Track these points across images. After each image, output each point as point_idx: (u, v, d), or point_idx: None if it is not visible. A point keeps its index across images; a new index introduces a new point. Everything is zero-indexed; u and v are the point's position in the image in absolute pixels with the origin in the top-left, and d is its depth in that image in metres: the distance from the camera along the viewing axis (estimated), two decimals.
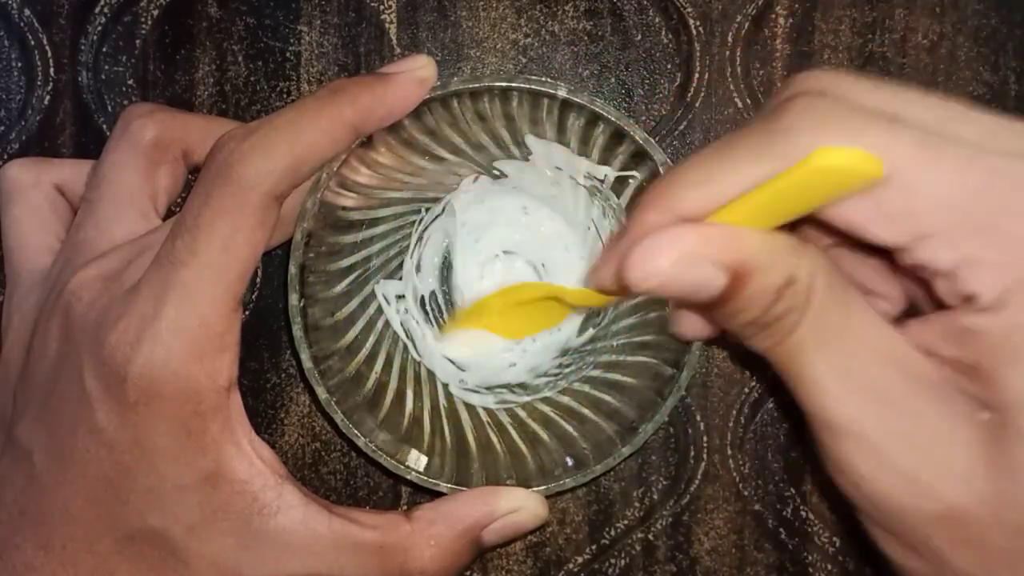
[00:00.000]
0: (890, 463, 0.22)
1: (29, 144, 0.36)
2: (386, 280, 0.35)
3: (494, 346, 0.36)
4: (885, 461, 0.22)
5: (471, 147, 0.33)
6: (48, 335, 0.29)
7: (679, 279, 0.22)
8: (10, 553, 0.29)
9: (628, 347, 0.34)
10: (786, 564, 0.36)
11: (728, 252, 0.22)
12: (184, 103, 0.36)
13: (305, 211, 0.30)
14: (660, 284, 0.22)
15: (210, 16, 0.36)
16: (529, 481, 0.31)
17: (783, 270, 0.22)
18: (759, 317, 0.23)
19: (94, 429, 0.28)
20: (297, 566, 0.29)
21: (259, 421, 0.36)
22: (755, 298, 0.22)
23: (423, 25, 0.36)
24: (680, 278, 0.22)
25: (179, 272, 0.28)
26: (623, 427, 0.32)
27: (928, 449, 0.22)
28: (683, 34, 0.36)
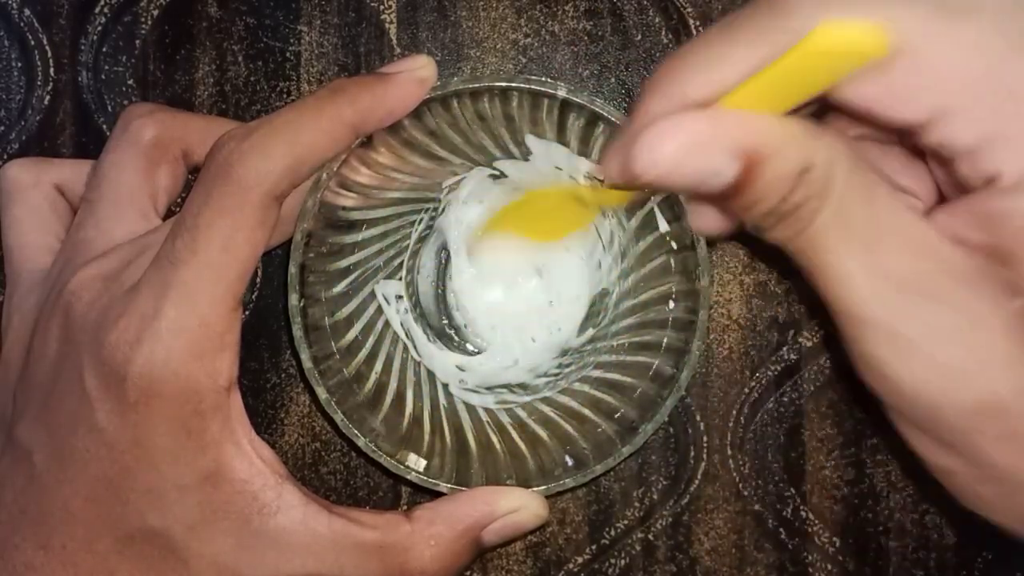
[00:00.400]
0: (925, 355, 0.21)
1: (29, 144, 0.36)
2: (386, 280, 0.35)
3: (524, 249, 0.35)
4: (919, 353, 0.21)
5: (471, 147, 0.33)
6: (48, 335, 0.29)
7: (688, 167, 0.21)
8: (10, 553, 0.29)
9: (628, 347, 0.34)
10: (786, 564, 0.36)
11: (739, 137, 0.21)
12: (184, 103, 0.36)
13: (305, 211, 0.30)
14: (667, 172, 0.21)
15: (210, 16, 0.36)
16: (529, 481, 0.31)
17: (799, 155, 0.21)
18: (776, 207, 0.21)
19: (94, 429, 0.28)
20: (297, 566, 0.29)
21: (259, 421, 0.36)
22: (771, 186, 0.21)
23: (423, 25, 0.36)
24: (689, 166, 0.21)
25: (179, 272, 0.28)
26: (623, 427, 0.32)
27: (963, 339, 0.21)
28: (683, 34, 0.36)
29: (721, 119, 0.21)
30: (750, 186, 0.21)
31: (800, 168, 0.21)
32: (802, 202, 0.21)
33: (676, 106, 0.22)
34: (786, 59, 0.20)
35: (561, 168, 0.33)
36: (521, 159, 0.34)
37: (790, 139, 0.21)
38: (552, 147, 0.32)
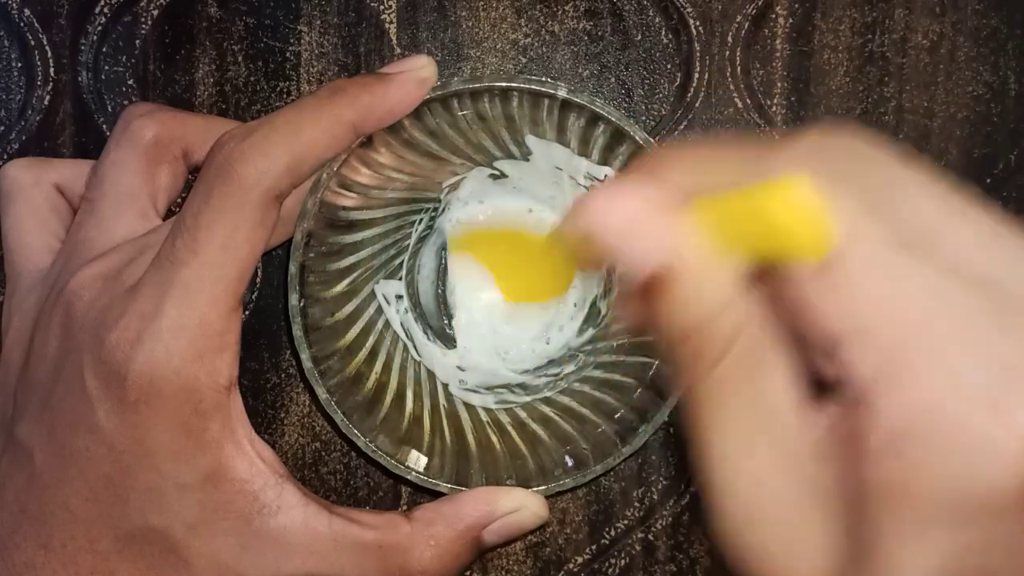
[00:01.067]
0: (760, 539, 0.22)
1: (29, 144, 0.36)
2: (386, 280, 0.35)
3: (491, 300, 0.35)
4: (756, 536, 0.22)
5: (471, 147, 0.33)
6: (48, 334, 0.29)
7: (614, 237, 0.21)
8: (10, 552, 0.29)
9: (628, 347, 0.34)
10: None
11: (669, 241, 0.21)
12: (184, 103, 0.36)
13: (305, 211, 0.30)
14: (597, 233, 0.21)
15: (210, 16, 0.36)
16: (529, 481, 0.31)
17: (712, 297, 0.21)
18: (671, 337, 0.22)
19: (94, 428, 0.28)
20: (297, 566, 0.29)
21: (259, 421, 0.36)
22: (678, 311, 0.21)
23: (423, 25, 0.36)
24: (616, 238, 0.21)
25: (179, 271, 0.28)
26: (623, 427, 0.32)
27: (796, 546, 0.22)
28: (683, 34, 0.36)
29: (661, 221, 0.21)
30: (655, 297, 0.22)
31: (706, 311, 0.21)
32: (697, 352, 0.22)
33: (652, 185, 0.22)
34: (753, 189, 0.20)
35: (561, 168, 0.33)
36: (521, 159, 0.34)
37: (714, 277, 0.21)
38: (552, 147, 0.32)
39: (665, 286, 0.21)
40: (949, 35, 0.36)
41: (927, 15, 0.36)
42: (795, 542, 0.22)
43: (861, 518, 0.21)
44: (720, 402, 0.22)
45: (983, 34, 0.36)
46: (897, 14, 0.36)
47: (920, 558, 0.20)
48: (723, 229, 0.21)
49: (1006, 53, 0.36)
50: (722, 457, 0.22)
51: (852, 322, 0.20)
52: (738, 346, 0.22)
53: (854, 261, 0.20)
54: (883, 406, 0.20)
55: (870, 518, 0.20)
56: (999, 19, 0.36)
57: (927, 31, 0.36)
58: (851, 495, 0.21)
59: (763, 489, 0.22)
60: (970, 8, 0.36)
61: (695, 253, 0.21)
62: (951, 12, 0.36)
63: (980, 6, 0.36)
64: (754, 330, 0.22)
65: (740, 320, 0.22)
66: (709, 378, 0.22)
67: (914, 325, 0.20)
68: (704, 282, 0.21)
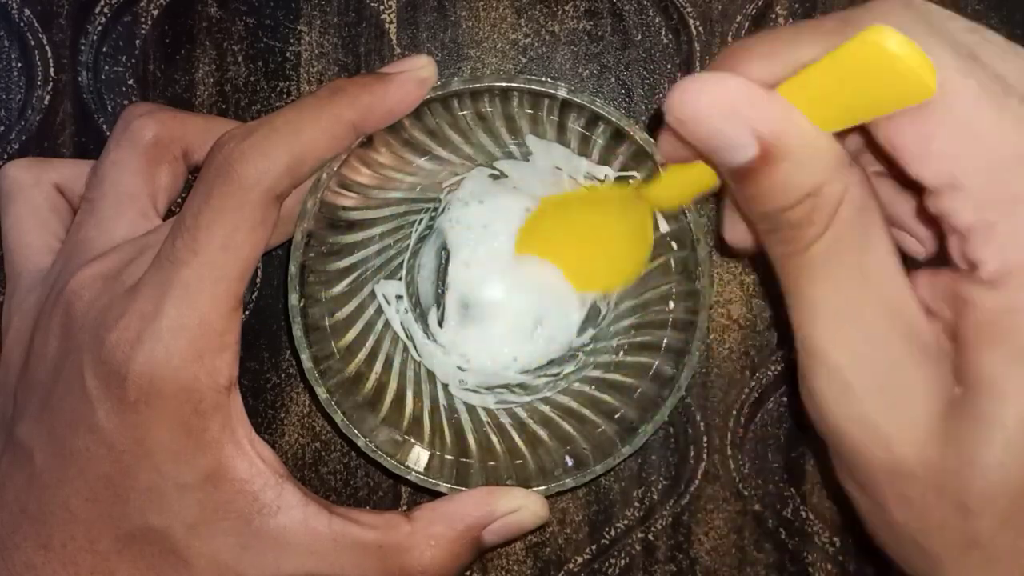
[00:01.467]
0: (856, 404, 0.22)
1: (29, 144, 0.36)
2: (386, 280, 0.35)
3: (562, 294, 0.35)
4: (852, 401, 0.22)
5: (471, 147, 0.33)
6: (49, 334, 0.29)
7: (710, 126, 0.21)
8: (10, 552, 0.29)
9: (628, 347, 0.34)
10: (786, 564, 0.36)
11: (768, 122, 0.21)
12: (184, 103, 0.36)
13: (305, 211, 0.30)
14: (691, 121, 0.21)
15: (210, 16, 0.36)
16: (529, 481, 0.31)
17: (816, 172, 0.21)
18: (776, 214, 0.22)
19: (94, 428, 0.28)
20: (297, 565, 0.29)
21: (259, 421, 0.36)
22: (777, 190, 0.21)
23: (423, 25, 0.36)
24: (711, 124, 0.21)
25: (179, 271, 0.28)
26: (623, 427, 0.32)
27: (894, 403, 0.22)
28: (683, 34, 0.36)
29: (763, 99, 0.21)
30: (759, 178, 0.22)
31: (810, 186, 0.21)
32: (801, 222, 0.22)
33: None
34: (839, 51, 0.20)
35: (561, 168, 0.33)
36: (521, 159, 0.34)
37: (816, 154, 0.21)
38: (552, 147, 0.32)
39: (772, 163, 0.21)
40: None
41: None
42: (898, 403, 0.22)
43: (969, 356, 0.21)
44: (826, 271, 0.22)
45: None
46: None
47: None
48: (816, 102, 0.21)
49: None
50: (827, 325, 0.22)
51: (957, 165, 0.20)
52: (841, 216, 0.22)
53: (959, 102, 0.20)
54: (988, 248, 0.20)
55: (979, 353, 0.21)
56: (999, 19, 0.36)
57: None
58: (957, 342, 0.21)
59: (868, 353, 0.22)
60: (970, 8, 0.36)
61: (796, 127, 0.21)
62: None
63: (980, 6, 0.36)
64: (857, 201, 0.22)
65: (843, 190, 0.22)
66: (813, 250, 0.22)
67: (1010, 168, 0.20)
68: (809, 154, 0.21)
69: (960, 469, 0.21)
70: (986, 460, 0.20)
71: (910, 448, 0.22)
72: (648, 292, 0.33)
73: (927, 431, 0.21)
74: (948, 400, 0.21)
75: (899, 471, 0.22)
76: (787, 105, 0.21)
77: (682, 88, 0.21)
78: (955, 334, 0.22)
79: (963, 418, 0.21)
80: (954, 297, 0.22)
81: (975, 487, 0.21)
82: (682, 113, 0.21)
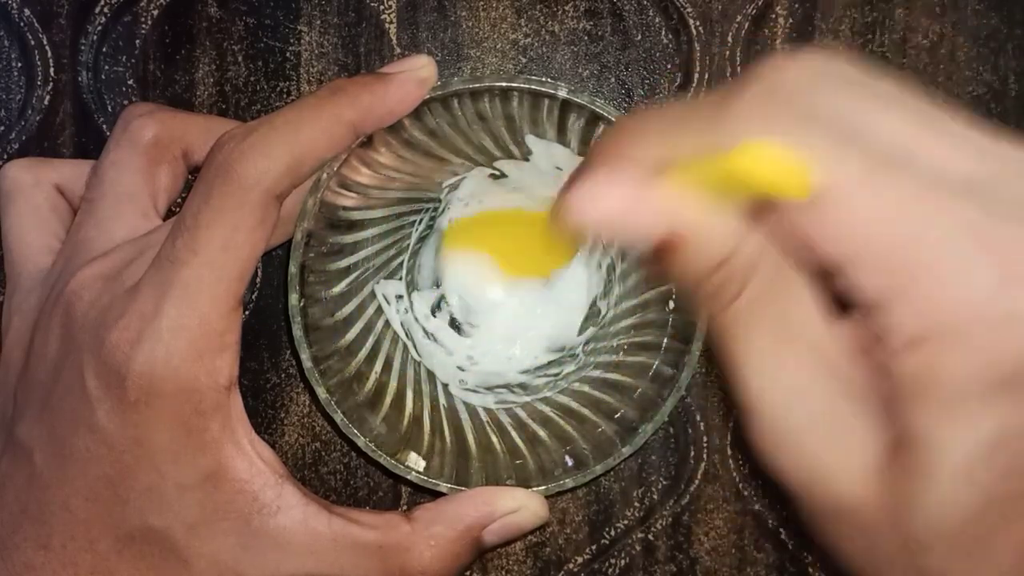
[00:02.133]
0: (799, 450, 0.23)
1: (29, 144, 0.36)
2: (386, 280, 0.35)
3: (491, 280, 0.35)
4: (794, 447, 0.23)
5: (471, 147, 0.33)
6: (49, 334, 0.29)
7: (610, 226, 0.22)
8: (10, 552, 0.29)
9: (628, 347, 0.34)
10: (786, 564, 0.36)
11: (662, 217, 0.22)
12: (184, 103, 0.36)
13: (305, 211, 0.30)
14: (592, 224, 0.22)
15: (210, 16, 0.36)
16: (529, 481, 0.31)
17: (719, 247, 0.22)
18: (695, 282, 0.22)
19: (94, 428, 0.28)
20: (297, 566, 0.29)
21: (259, 421, 0.36)
22: (687, 266, 0.22)
23: (423, 25, 0.36)
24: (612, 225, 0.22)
25: (179, 271, 0.28)
26: (623, 427, 0.32)
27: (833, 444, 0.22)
28: (683, 34, 0.36)
29: (652, 193, 0.22)
30: (667, 259, 0.22)
31: (716, 259, 0.22)
32: (717, 289, 0.22)
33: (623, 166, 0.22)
34: (716, 163, 0.20)
35: (561, 168, 0.33)
36: (521, 159, 0.34)
37: (712, 232, 0.22)
38: (552, 147, 0.32)
39: (675, 246, 0.22)
40: (949, 35, 0.36)
41: (927, 15, 0.36)
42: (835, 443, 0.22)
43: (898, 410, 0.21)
44: (747, 327, 0.23)
45: (983, 34, 0.36)
46: (897, 14, 0.36)
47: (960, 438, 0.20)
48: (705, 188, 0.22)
49: (1006, 53, 0.36)
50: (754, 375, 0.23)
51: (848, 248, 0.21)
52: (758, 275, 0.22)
53: (838, 191, 0.20)
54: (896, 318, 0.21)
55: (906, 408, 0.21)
56: (999, 19, 0.36)
57: (927, 31, 0.36)
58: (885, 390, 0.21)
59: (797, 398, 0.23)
60: (970, 8, 0.36)
61: (690, 213, 0.22)
62: (951, 12, 0.36)
63: (980, 6, 0.36)
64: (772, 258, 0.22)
65: (753, 253, 0.22)
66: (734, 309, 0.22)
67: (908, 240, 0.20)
68: (710, 232, 0.22)
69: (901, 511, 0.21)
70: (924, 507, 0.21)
71: (853, 488, 0.22)
72: (648, 292, 0.33)
73: (867, 472, 0.22)
74: (884, 441, 0.22)
75: (845, 510, 0.22)
76: (676, 193, 0.22)
77: (571, 201, 0.22)
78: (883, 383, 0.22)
79: (899, 465, 0.21)
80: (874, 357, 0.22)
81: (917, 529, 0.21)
82: (579, 222, 0.22)
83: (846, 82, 0.21)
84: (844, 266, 0.21)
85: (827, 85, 0.21)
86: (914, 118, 0.21)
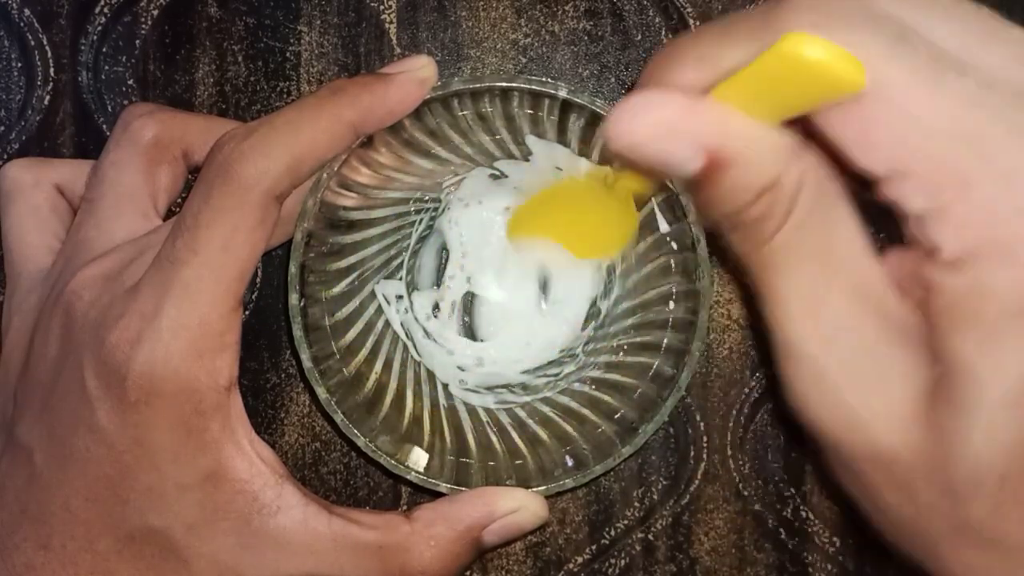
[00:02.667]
0: (836, 395, 0.22)
1: (29, 144, 0.36)
2: (386, 280, 0.35)
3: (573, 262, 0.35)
4: (829, 390, 0.22)
5: (471, 147, 0.33)
6: (49, 334, 0.29)
7: (655, 147, 0.21)
8: (10, 552, 0.29)
9: (628, 347, 0.34)
10: (786, 564, 0.36)
11: (707, 134, 0.21)
12: (184, 103, 0.36)
13: (305, 211, 0.30)
14: (633, 146, 0.21)
15: (210, 16, 0.36)
16: (529, 481, 0.31)
17: (766, 170, 0.21)
18: (735, 214, 0.22)
19: (94, 428, 0.28)
20: (297, 566, 0.29)
21: (259, 421, 0.36)
22: (731, 192, 0.21)
23: (423, 25, 0.36)
24: (656, 146, 0.21)
25: (179, 271, 0.28)
26: (623, 427, 0.32)
27: (871, 389, 0.21)
28: (683, 34, 0.36)
29: (698, 110, 0.21)
30: (711, 184, 0.21)
31: (764, 184, 0.21)
32: (761, 218, 0.21)
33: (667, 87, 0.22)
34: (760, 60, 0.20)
35: (561, 168, 0.33)
36: (521, 159, 0.34)
37: (763, 152, 0.21)
38: (553, 147, 0.32)
39: (721, 169, 0.21)
40: None
41: None
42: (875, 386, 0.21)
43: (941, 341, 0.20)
44: (790, 261, 0.22)
45: None
46: None
47: (1001, 366, 0.20)
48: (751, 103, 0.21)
49: None
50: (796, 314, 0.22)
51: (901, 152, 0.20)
52: (800, 205, 0.21)
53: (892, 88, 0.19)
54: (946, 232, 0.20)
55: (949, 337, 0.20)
56: None
57: None
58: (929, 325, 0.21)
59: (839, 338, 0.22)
60: None
61: (738, 130, 0.21)
62: None
63: None
64: (814, 187, 0.21)
65: (798, 178, 0.21)
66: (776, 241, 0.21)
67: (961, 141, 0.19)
68: (756, 153, 0.21)
69: (944, 455, 0.20)
70: (968, 446, 0.20)
71: (891, 434, 0.21)
72: (648, 292, 0.33)
73: (907, 415, 0.21)
74: (926, 382, 0.21)
75: (883, 458, 0.21)
76: (723, 111, 0.21)
77: (617, 116, 0.21)
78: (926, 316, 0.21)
79: (942, 402, 0.20)
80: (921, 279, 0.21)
81: (960, 472, 0.20)
82: (622, 142, 0.21)
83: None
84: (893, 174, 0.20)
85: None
86: (971, 26, 0.20)
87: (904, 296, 0.22)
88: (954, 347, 0.20)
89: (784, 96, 0.20)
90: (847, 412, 0.22)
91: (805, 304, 0.22)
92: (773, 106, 0.21)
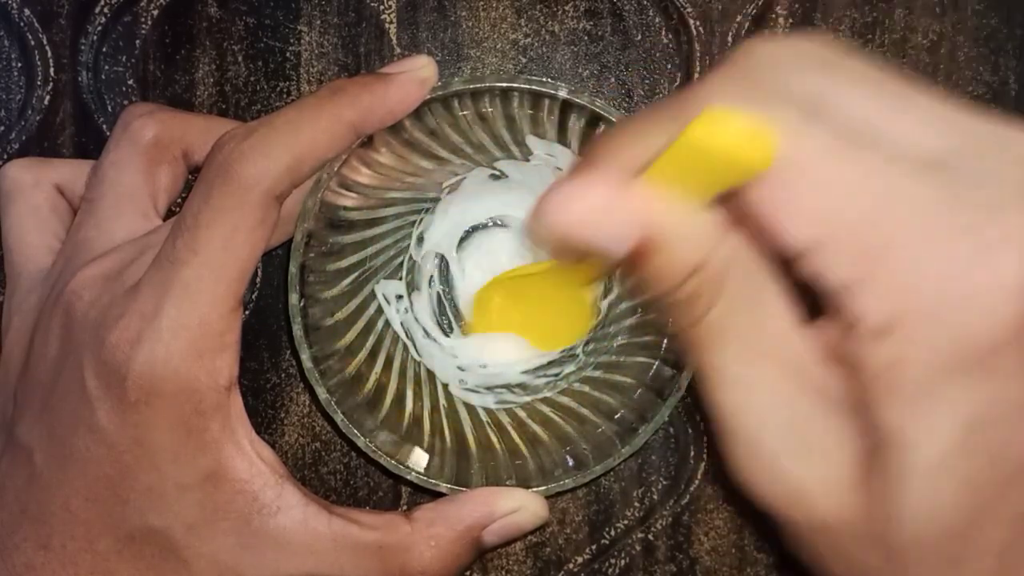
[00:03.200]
0: (775, 468, 0.22)
1: (29, 144, 0.36)
2: (386, 280, 0.35)
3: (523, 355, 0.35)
4: (770, 466, 0.22)
5: (471, 147, 0.33)
6: (49, 334, 0.29)
7: (580, 234, 0.21)
8: (10, 552, 0.29)
9: (628, 348, 0.34)
10: (786, 564, 0.36)
11: (635, 219, 0.21)
12: (184, 103, 0.36)
13: (305, 211, 0.30)
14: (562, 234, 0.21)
15: (210, 16, 0.36)
16: (529, 481, 0.31)
17: (692, 252, 0.21)
18: (666, 294, 0.22)
19: (94, 428, 0.28)
20: (297, 566, 0.29)
21: (259, 421, 0.36)
22: (661, 274, 0.22)
23: (423, 25, 0.36)
24: (581, 233, 0.21)
25: (179, 271, 0.28)
26: (623, 428, 0.32)
27: (809, 460, 0.22)
28: (683, 34, 0.36)
29: (625, 195, 0.21)
30: (641, 267, 0.22)
31: (691, 265, 0.21)
32: (691, 297, 0.22)
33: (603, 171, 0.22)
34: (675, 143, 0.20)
35: (561, 168, 0.33)
36: (522, 159, 0.34)
37: (687, 234, 0.21)
38: (553, 147, 0.32)
39: (648, 253, 0.21)
40: (949, 35, 0.36)
41: (927, 15, 0.36)
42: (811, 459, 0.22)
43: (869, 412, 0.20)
44: (723, 338, 0.22)
45: (983, 34, 0.36)
46: (897, 14, 0.36)
47: (930, 430, 0.20)
48: (676, 183, 0.21)
49: (1006, 53, 0.36)
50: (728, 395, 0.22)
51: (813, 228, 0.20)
52: (729, 284, 0.22)
53: (802, 164, 0.20)
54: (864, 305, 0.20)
55: (877, 408, 0.20)
56: (999, 19, 0.36)
57: (927, 31, 0.36)
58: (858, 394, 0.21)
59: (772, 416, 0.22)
60: (970, 8, 0.36)
61: (663, 213, 0.21)
62: (951, 12, 0.36)
63: (980, 6, 0.36)
64: (743, 265, 0.22)
65: (726, 258, 0.22)
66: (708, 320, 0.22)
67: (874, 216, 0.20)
68: (682, 236, 0.21)
69: (883, 521, 0.21)
70: (905, 510, 0.20)
71: (832, 503, 0.21)
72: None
73: (845, 484, 0.21)
74: (861, 450, 0.21)
75: (825, 527, 0.22)
76: (650, 194, 0.21)
77: (546, 206, 0.21)
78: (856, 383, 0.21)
79: (877, 470, 0.21)
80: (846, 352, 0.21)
81: (900, 538, 0.20)
82: (552, 230, 0.21)
83: (817, 62, 0.21)
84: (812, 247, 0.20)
85: (797, 65, 0.21)
86: (882, 94, 0.20)
87: (835, 366, 0.22)
88: (883, 415, 0.20)
89: (702, 175, 0.21)
90: (787, 485, 0.22)
91: (739, 380, 0.22)
92: (697, 185, 0.21)
